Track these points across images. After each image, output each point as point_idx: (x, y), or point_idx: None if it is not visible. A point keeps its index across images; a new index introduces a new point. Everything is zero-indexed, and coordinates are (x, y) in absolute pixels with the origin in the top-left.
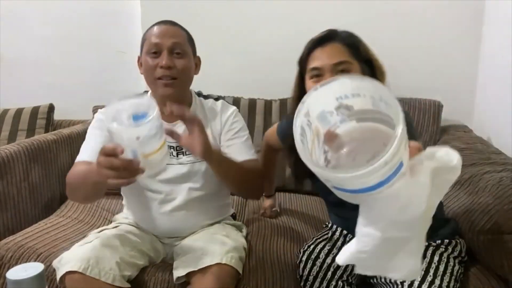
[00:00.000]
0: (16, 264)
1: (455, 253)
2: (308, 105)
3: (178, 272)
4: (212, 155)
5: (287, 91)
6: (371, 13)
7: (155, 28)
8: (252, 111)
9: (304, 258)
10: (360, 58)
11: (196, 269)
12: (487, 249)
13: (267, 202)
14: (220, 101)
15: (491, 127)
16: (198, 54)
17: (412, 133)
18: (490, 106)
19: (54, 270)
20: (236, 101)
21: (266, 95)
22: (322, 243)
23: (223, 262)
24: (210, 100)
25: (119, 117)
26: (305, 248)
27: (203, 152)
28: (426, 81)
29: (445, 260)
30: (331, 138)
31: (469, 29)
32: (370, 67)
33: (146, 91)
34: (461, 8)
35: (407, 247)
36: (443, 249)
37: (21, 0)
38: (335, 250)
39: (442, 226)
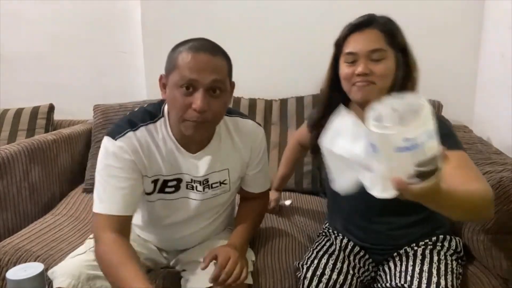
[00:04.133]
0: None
1: (451, 250)
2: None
3: (188, 286)
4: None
5: (287, 90)
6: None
7: (192, 57)
8: (252, 111)
9: (309, 275)
10: (395, 46)
11: (207, 286)
12: (487, 249)
13: (274, 195)
14: (251, 122)
15: (491, 127)
16: None
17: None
18: (490, 106)
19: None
20: (236, 101)
21: (266, 95)
22: (325, 257)
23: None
24: (237, 119)
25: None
26: (308, 263)
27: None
28: (426, 81)
29: (443, 259)
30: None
31: (469, 29)
32: (404, 56)
33: (163, 101)
34: (461, 8)
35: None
36: (440, 247)
37: (21, 0)
38: (338, 264)
39: (436, 223)
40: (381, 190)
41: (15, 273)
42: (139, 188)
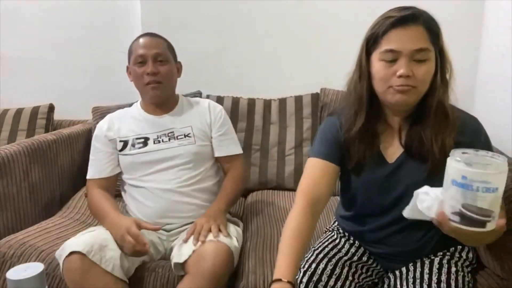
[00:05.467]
0: (17, 261)
1: (468, 262)
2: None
3: (175, 259)
4: (226, 210)
5: (286, 90)
6: (370, 12)
7: (139, 41)
8: (251, 111)
9: (305, 280)
10: (437, 46)
11: (191, 252)
12: (487, 249)
13: None
14: (208, 99)
15: (490, 127)
16: (198, 53)
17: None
18: (489, 106)
19: (55, 268)
20: (235, 101)
21: (265, 95)
22: (324, 262)
23: (216, 239)
24: (198, 98)
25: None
26: (305, 266)
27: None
28: None
29: (461, 270)
30: None
31: (469, 29)
32: (441, 57)
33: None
34: (461, 8)
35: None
36: (457, 258)
37: (21, 0)
38: (337, 270)
39: None
40: (427, 208)
41: (15, 273)
42: (110, 157)
